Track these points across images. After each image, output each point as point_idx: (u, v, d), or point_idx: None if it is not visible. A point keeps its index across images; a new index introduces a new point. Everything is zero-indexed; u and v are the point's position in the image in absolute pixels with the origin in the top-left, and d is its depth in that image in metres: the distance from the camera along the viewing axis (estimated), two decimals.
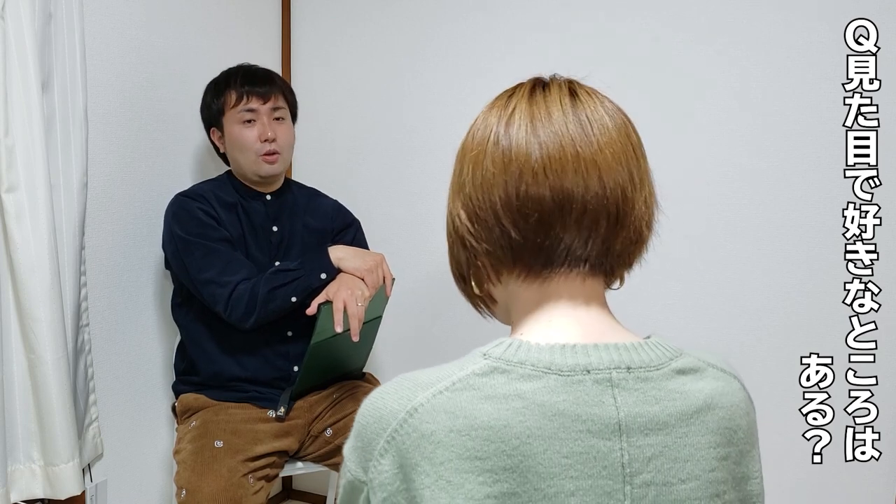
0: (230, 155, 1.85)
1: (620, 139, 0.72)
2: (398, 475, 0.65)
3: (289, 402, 1.77)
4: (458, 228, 0.74)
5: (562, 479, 0.63)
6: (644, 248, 0.75)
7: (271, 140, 1.79)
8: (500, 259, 0.73)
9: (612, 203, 0.70)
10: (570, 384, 0.66)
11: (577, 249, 0.71)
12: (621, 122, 0.73)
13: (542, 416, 0.64)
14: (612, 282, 0.77)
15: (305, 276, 1.70)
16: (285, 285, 1.68)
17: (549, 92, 0.74)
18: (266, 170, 1.81)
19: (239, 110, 1.79)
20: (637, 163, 0.72)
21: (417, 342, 2.35)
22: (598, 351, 0.68)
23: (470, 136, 0.76)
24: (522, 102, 0.73)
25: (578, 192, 0.69)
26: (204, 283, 1.70)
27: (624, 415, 0.66)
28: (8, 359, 1.62)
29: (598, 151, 0.70)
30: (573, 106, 0.72)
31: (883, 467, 1.83)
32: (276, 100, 1.82)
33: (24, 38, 1.54)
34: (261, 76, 1.83)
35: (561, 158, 0.69)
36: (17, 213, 1.56)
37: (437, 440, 0.63)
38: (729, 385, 0.73)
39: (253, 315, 1.67)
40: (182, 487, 1.59)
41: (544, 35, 2.09)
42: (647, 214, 0.73)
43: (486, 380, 0.65)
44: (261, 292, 1.67)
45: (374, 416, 0.67)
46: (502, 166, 0.71)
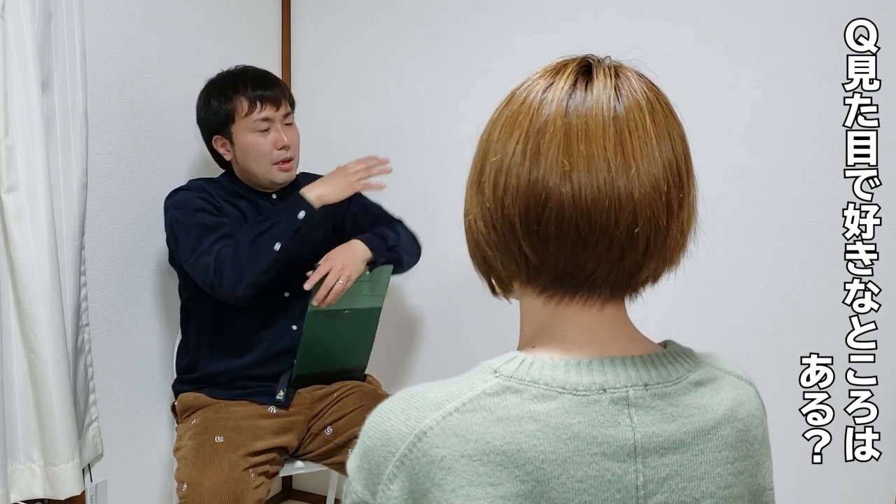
0: (242, 164, 1.79)
1: (666, 169, 0.64)
2: (408, 502, 0.62)
3: (287, 388, 1.76)
4: (474, 231, 0.69)
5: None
6: (673, 268, 0.69)
7: (287, 147, 1.77)
8: (515, 273, 0.68)
9: (642, 237, 0.63)
10: (585, 404, 0.63)
11: (599, 279, 0.65)
12: (669, 149, 0.64)
13: (556, 440, 0.61)
14: (633, 299, 0.71)
15: (284, 220, 1.65)
16: (264, 233, 1.63)
17: (591, 92, 0.64)
18: (282, 177, 1.80)
19: (254, 119, 1.74)
20: (679, 187, 0.65)
21: (418, 342, 2.35)
22: (614, 367, 0.65)
23: (495, 132, 0.68)
24: (558, 110, 0.64)
25: (608, 226, 0.62)
26: (196, 257, 1.65)
27: (640, 436, 0.63)
28: (8, 359, 1.62)
29: (637, 186, 0.62)
30: (617, 127, 0.63)
31: (883, 467, 1.83)
32: (285, 105, 1.80)
33: (24, 38, 1.54)
34: (270, 81, 1.79)
35: (594, 190, 0.62)
36: (17, 213, 1.56)
37: (448, 466, 0.60)
38: (746, 393, 0.71)
39: (242, 276, 1.61)
40: (183, 482, 1.59)
41: (544, 35, 2.09)
42: (681, 241, 0.67)
43: (498, 400, 0.62)
44: (242, 245, 1.63)
45: (381, 438, 0.64)
46: (527, 186, 0.63)
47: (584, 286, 0.66)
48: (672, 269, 0.69)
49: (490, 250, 0.68)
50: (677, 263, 0.69)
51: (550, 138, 0.63)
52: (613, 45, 2.09)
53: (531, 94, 0.66)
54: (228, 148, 1.80)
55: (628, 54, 0.74)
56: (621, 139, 0.63)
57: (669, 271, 0.69)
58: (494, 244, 0.67)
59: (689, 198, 0.67)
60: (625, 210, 0.62)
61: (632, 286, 0.68)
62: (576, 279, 0.66)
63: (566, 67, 0.67)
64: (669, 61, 1.95)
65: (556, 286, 0.67)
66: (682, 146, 0.67)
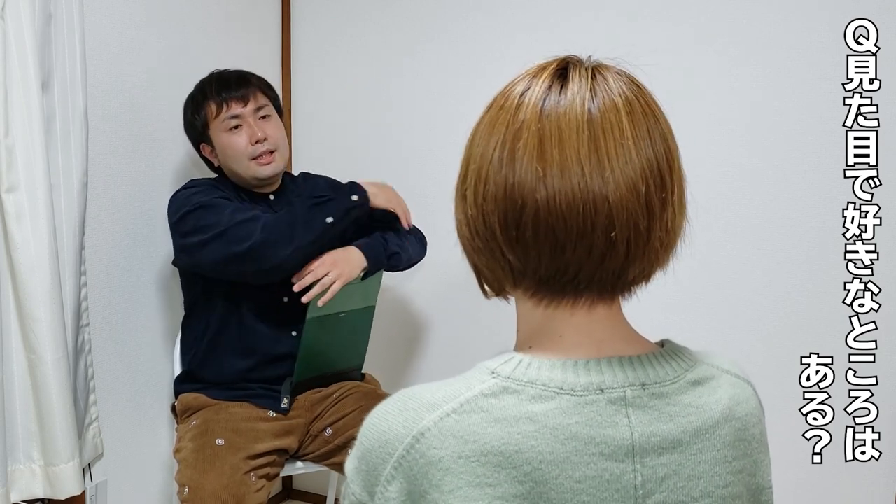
0: (225, 166, 1.80)
1: (644, 169, 0.63)
2: (406, 503, 0.62)
3: (289, 395, 1.77)
4: (462, 237, 0.70)
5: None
6: (663, 267, 0.68)
7: (262, 140, 1.75)
8: (503, 277, 0.69)
9: (620, 240, 0.62)
10: (583, 405, 0.63)
11: (583, 281, 0.65)
12: (648, 148, 0.63)
13: (554, 440, 0.61)
14: (626, 298, 0.71)
15: (338, 198, 1.67)
16: (318, 205, 1.64)
17: (565, 94, 0.64)
18: (263, 172, 1.78)
19: (223, 119, 1.75)
20: (661, 186, 0.64)
21: (417, 342, 2.35)
22: (611, 367, 0.65)
23: (476, 138, 0.68)
24: (533, 114, 0.63)
25: (585, 230, 0.62)
26: (236, 224, 1.62)
27: (638, 435, 0.63)
28: (8, 359, 1.62)
29: (613, 189, 0.61)
30: (591, 130, 0.62)
31: (883, 467, 1.83)
32: (257, 99, 1.79)
33: (24, 38, 1.54)
34: (234, 79, 1.79)
35: (568, 195, 0.61)
36: (17, 213, 1.56)
37: (446, 467, 0.60)
38: (743, 392, 0.71)
39: (293, 240, 1.60)
40: (184, 485, 1.59)
41: (544, 35, 2.09)
42: (667, 241, 0.66)
43: (496, 401, 0.62)
44: (298, 211, 1.63)
45: (378, 439, 0.64)
46: (504, 193, 0.63)
47: (570, 289, 0.66)
48: (663, 269, 0.68)
49: (476, 255, 0.69)
50: (667, 263, 0.68)
51: (525, 143, 0.63)
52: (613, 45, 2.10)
53: (509, 99, 0.66)
54: (214, 154, 1.82)
55: (628, 55, 0.74)
56: (595, 141, 0.62)
57: (661, 270, 0.68)
58: (479, 250, 0.68)
59: (674, 197, 0.66)
60: (601, 213, 0.62)
61: (620, 287, 0.67)
62: (560, 282, 0.66)
63: (544, 70, 0.67)
64: (669, 61, 1.95)
65: (542, 290, 0.67)
66: (665, 145, 0.66)
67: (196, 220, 1.67)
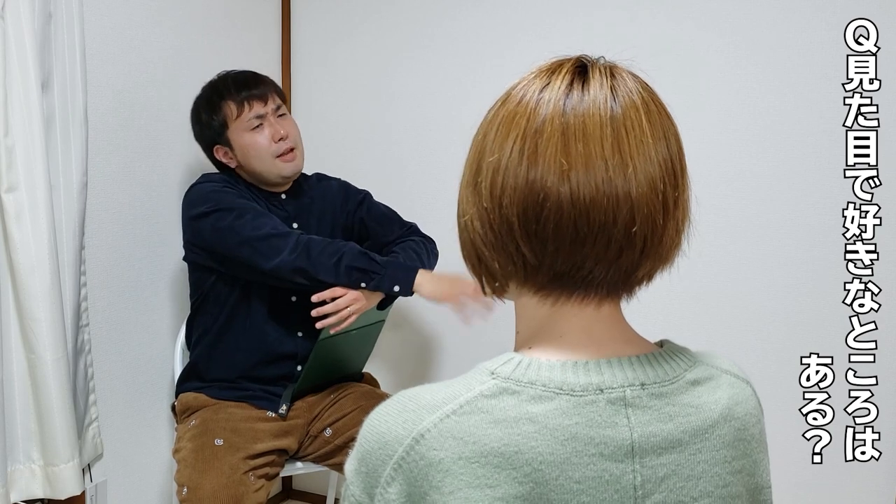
0: (247, 165, 1.78)
1: (662, 168, 0.64)
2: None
3: (289, 402, 1.77)
4: (470, 232, 0.69)
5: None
6: (669, 266, 0.69)
7: (284, 137, 1.76)
8: (513, 273, 0.68)
9: (639, 235, 0.64)
10: (582, 405, 0.63)
11: (597, 278, 0.66)
12: (664, 148, 0.65)
13: (554, 441, 0.61)
14: (628, 299, 0.72)
15: (382, 279, 1.66)
16: (363, 270, 1.64)
17: (588, 92, 0.64)
18: (288, 168, 1.78)
19: (246, 118, 1.74)
20: (675, 185, 0.66)
21: (417, 342, 2.35)
22: (611, 368, 0.65)
23: (491, 132, 0.67)
24: (556, 110, 0.64)
25: (606, 224, 0.63)
26: (263, 237, 1.64)
27: (637, 435, 0.64)
28: (8, 359, 1.62)
29: (635, 185, 0.63)
30: (614, 127, 0.63)
31: (883, 467, 1.83)
32: (274, 98, 1.80)
33: (23, 38, 1.54)
34: (252, 79, 1.79)
35: (592, 189, 0.62)
36: (17, 213, 1.56)
37: (446, 469, 0.60)
38: (742, 392, 0.72)
39: (316, 275, 1.62)
40: (183, 485, 1.59)
41: (544, 35, 2.09)
42: (676, 238, 0.67)
43: (496, 402, 0.62)
44: (346, 256, 1.63)
45: (378, 440, 0.64)
46: (525, 186, 0.64)
47: (582, 285, 0.66)
48: (667, 268, 0.69)
49: (487, 250, 0.68)
50: (672, 262, 0.69)
51: (548, 138, 0.63)
52: (613, 45, 2.10)
53: (528, 94, 0.66)
54: (231, 155, 1.79)
55: (627, 54, 0.74)
56: (618, 139, 0.63)
57: (664, 270, 0.69)
58: (491, 244, 0.67)
59: (684, 196, 0.67)
60: (622, 209, 0.63)
61: (628, 285, 0.68)
62: (573, 278, 0.66)
63: (562, 67, 0.67)
64: (670, 61, 1.95)
65: (553, 285, 0.67)
66: (677, 146, 0.67)
67: (218, 223, 1.68)
